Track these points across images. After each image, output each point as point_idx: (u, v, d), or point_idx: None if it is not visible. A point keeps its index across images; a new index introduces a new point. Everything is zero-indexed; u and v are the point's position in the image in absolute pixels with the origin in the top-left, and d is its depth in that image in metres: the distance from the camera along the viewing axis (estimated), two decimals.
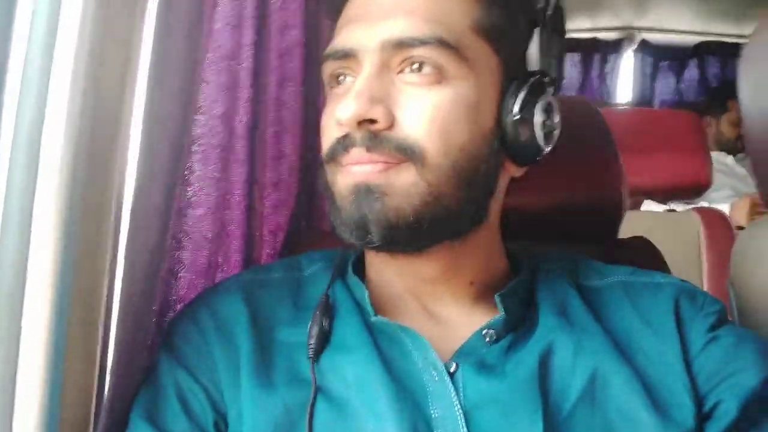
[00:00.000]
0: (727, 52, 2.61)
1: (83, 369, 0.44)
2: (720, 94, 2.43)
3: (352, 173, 0.49)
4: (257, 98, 0.67)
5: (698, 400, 0.49)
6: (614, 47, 2.70)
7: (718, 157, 2.27)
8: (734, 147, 2.38)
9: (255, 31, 0.64)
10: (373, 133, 0.48)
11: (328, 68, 0.52)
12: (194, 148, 0.57)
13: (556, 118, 0.53)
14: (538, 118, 0.51)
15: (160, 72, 0.48)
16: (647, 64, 2.79)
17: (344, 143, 0.49)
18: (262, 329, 0.53)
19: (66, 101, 0.41)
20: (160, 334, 0.55)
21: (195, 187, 0.58)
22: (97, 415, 0.45)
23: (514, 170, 0.54)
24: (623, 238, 0.77)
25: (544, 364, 0.50)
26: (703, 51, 2.74)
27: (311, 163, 0.80)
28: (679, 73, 2.81)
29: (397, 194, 0.47)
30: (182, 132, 0.52)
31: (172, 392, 0.50)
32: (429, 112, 0.48)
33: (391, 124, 0.48)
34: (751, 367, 0.50)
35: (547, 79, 0.53)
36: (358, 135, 0.48)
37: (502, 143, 0.51)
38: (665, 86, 2.82)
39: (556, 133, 0.53)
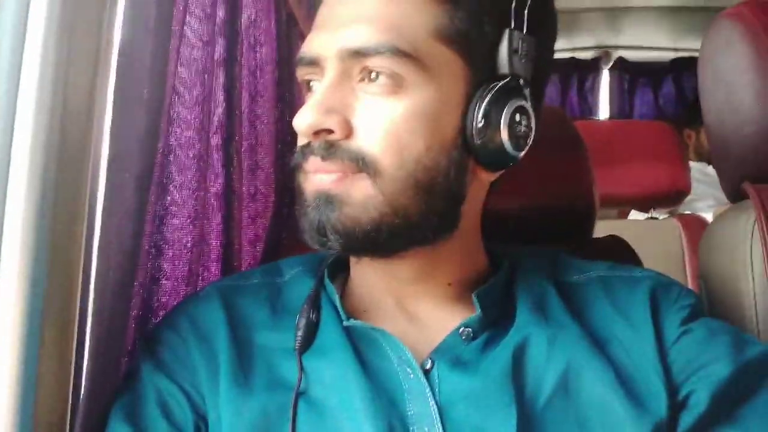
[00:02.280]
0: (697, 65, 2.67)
1: (58, 371, 0.44)
2: (697, 107, 2.48)
3: (313, 181, 0.50)
4: (231, 112, 0.69)
5: (672, 390, 0.50)
6: (592, 66, 2.76)
7: (700, 167, 2.31)
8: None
9: (226, 47, 0.67)
10: (329, 143, 0.48)
11: (299, 74, 0.53)
12: (170, 158, 0.59)
13: (530, 122, 0.51)
14: (505, 123, 0.50)
15: (128, 80, 0.50)
16: (625, 80, 2.85)
17: (303, 151, 0.50)
18: (241, 335, 0.54)
19: (35, 105, 0.42)
20: (141, 341, 0.55)
21: (174, 196, 0.59)
22: (72, 417, 0.45)
23: (486, 176, 0.54)
24: (598, 237, 0.79)
25: (519, 358, 0.51)
26: (679, 66, 2.80)
27: (287, 176, 0.81)
28: (656, 89, 2.87)
29: (354, 204, 0.48)
30: (152, 139, 0.53)
31: (152, 397, 0.51)
32: (383, 124, 0.48)
33: (349, 134, 0.48)
34: (722, 357, 0.51)
35: (520, 82, 0.51)
36: (315, 144, 0.49)
37: (468, 151, 0.50)
38: (644, 102, 2.88)
39: (531, 137, 0.52)
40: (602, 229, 0.80)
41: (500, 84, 0.50)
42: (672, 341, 0.52)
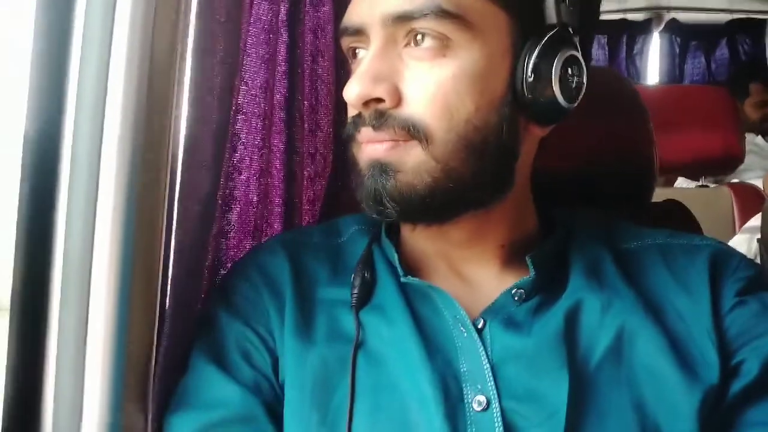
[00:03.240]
0: (759, 30, 2.56)
1: (144, 311, 0.47)
2: (742, 79, 2.40)
3: (366, 150, 0.50)
4: (293, 71, 0.70)
5: (724, 357, 0.50)
6: (642, 28, 2.67)
7: (748, 138, 2.24)
8: (760, 129, 2.35)
9: (290, 6, 0.67)
10: (380, 112, 0.48)
11: (344, 44, 0.53)
12: (238, 116, 0.60)
13: (582, 73, 0.50)
14: (556, 75, 0.49)
15: (205, 42, 0.51)
16: (676, 44, 2.75)
17: (355, 122, 0.50)
18: (304, 287, 0.55)
19: (125, 62, 0.44)
20: (214, 290, 0.58)
21: (241, 152, 0.61)
22: (157, 352, 0.49)
23: (538, 131, 0.53)
24: (657, 201, 0.78)
25: (571, 322, 0.51)
26: (734, 29, 2.68)
27: (345, 137, 0.82)
28: (709, 53, 2.77)
29: (407, 171, 0.48)
30: (227, 95, 0.55)
31: (233, 345, 0.53)
32: (431, 89, 0.48)
33: (398, 102, 0.48)
34: None
35: (569, 31, 0.50)
36: (366, 114, 0.49)
37: (519, 106, 0.50)
38: (695, 66, 2.78)
39: (583, 88, 0.51)
40: (654, 196, 0.79)
41: (549, 35, 0.49)
42: (726, 310, 0.52)
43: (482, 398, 0.48)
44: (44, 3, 0.44)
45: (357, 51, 0.52)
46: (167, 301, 0.50)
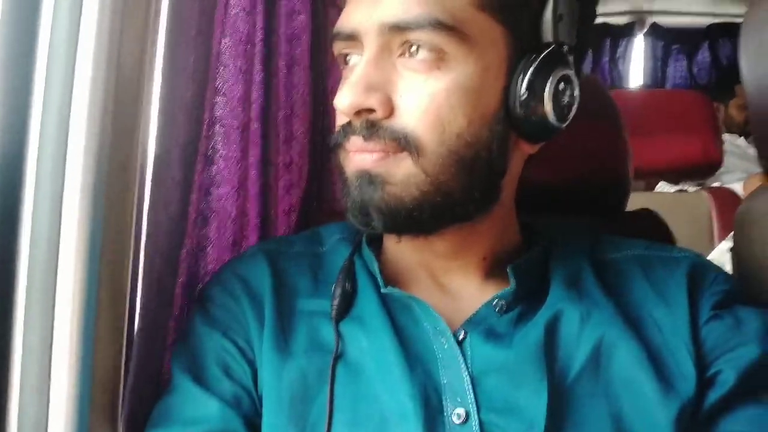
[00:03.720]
0: (740, 34, 2.59)
1: (112, 330, 0.47)
2: (727, 80, 2.44)
3: (354, 160, 0.49)
4: (269, 81, 0.69)
5: (701, 369, 0.50)
6: (625, 31, 2.69)
7: (730, 139, 2.27)
8: (744, 131, 2.38)
9: (265, 16, 0.67)
10: (371, 122, 0.47)
11: (336, 49, 0.52)
12: (217, 128, 0.60)
13: (574, 92, 0.50)
14: (550, 94, 0.48)
15: (176, 57, 0.51)
16: (658, 47, 2.78)
17: (345, 130, 0.49)
18: (284, 297, 0.54)
19: (90, 77, 0.44)
20: (192, 303, 0.57)
21: (219, 166, 0.61)
22: (126, 372, 0.48)
23: (528, 148, 0.53)
24: (630, 211, 0.79)
25: (551, 333, 0.51)
26: (715, 33, 2.72)
27: (321, 147, 0.82)
28: (691, 56, 2.80)
29: (396, 183, 0.48)
30: (198, 109, 0.55)
31: (212, 358, 0.52)
32: (425, 101, 0.47)
33: (390, 113, 0.47)
34: (751, 342, 0.51)
35: (564, 49, 0.49)
36: (357, 123, 0.48)
37: (511, 123, 0.49)
38: (677, 70, 2.81)
39: (574, 107, 0.51)
40: (631, 201, 0.80)
41: (545, 53, 0.49)
42: (703, 322, 0.52)
43: (461, 411, 0.48)
44: (7, 17, 0.44)
45: (348, 57, 0.51)
46: (136, 318, 0.49)
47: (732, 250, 0.76)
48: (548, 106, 0.49)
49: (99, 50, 0.44)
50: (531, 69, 0.48)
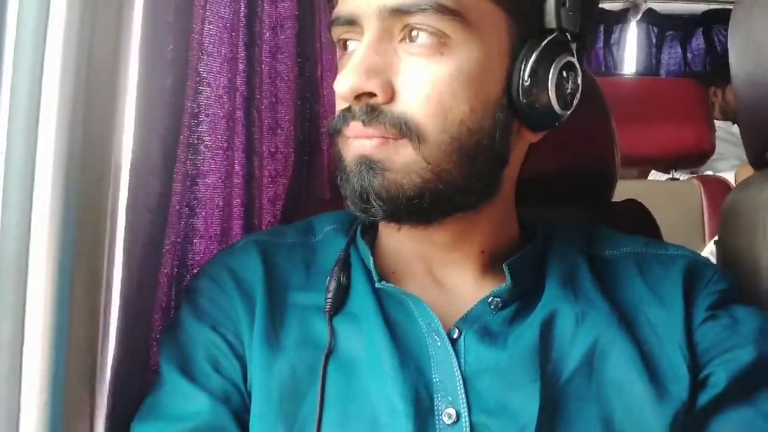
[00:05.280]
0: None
1: (88, 323, 0.46)
2: (724, 64, 2.42)
3: (354, 146, 0.48)
4: (252, 69, 0.68)
5: (694, 371, 0.50)
6: (619, 18, 2.67)
7: (724, 126, 2.26)
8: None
9: (247, 1, 0.66)
10: (371, 107, 0.46)
11: (335, 34, 0.50)
12: (201, 117, 0.59)
13: (578, 79, 0.50)
14: (553, 81, 0.48)
15: (153, 43, 0.50)
16: (653, 34, 2.76)
17: (345, 116, 0.48)
18: (276, 292, 0.53)
19: (60, 64, 0.42)
20: (183, 293, 0.56)
21: (205, 155, 0.60)
22: (102, 366, 0.48)
23: (530, 136, 0.52)
24: (616, 201, 0.78)
25: (546, 333, 0.51)
26: (709, 20, 2.70)
27: (308, 135, 0.81)
28: (685, 43, 2.79)
29: (397, 170, 0.47)
30: (179, 97, 0.54)
31: (201, 352, 0.51)
32: (426, 87, 0.46)
33: (391, 98, 0.46)
34: (746, 344, 0.50)
35: (567, 36, 0.49)
36: (356, 108, 0.47)
37: (514, 110, 0.49)
38: (671, 56, 2.80)
39: (578, 95, 0.50)
40: (621, 189, 0.79)
41: (548, 39, 0.48)
42: (698, 324, 0.52)
43: (452, 411, 0.48)
44: None
45: (347, 42, 0.50)
46: (117, 311, 0.49)
47: (717, 241, 0.76)
48: (552, 92, 0.48)
49: (69, 37, 0.42)
50: (534, 55, 0.48)
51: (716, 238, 0.77)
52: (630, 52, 2.77)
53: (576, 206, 0.74)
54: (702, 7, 2.62)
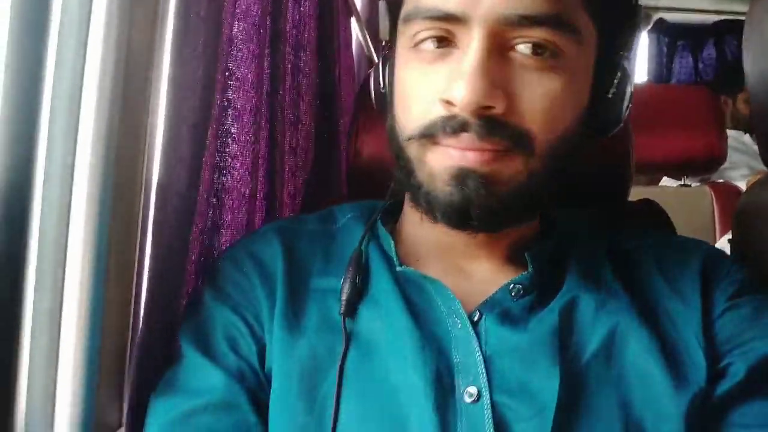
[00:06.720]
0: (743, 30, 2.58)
1: (120, 308, 0.48)
2: (735, 73, 2.42)
3: (451, 155, 0.46)
4: (275, 65, 0.70)
5: (713, 361, 0.50)
6: None
7: (735, 135, 2.26)
8: (750, 127, 2.37)
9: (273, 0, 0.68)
10: (493, 120, 0.45)
11: (417, 27, 0.47)
12: (229, 111, 0.61)
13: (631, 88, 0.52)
14: (629, 94, 0.50)
15: (185, 38, 0.52)
16: (664, 43, 2.77)
17: (451, 125, 0.46)
18: (296, 276, 0.54)
19: (100, 59, 0.45)
20: (206, 274, 0.58)
21: (232, 148, 0.61)
22: (132, 345, 0.49)
23: (584, 144, 0.52)
24: (632, 201, 0.79)
25: (566, 318, 0.51)
26: (721, 30, 2.71)
27: (327, 132, 0.83)
28: (696, 53, 2.79)
29: (503, 183, 0.46)
30: (208, 91, 0.55)
31: (220, 332, 0.52)
32: (542, 101, 0.46)
33: (509, 111, 0.45)
34: (766, 335, 0.50)
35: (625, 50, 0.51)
36: (472, 121, 0.45)
37: (590, 121, 0.50)
38: (682, 66, 2.81)
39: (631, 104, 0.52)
40: (633, 195, 0.80)
41: (619, 53, 0.50)
42: (717, 315, 0.52)
43: (473, 390, 0.48)
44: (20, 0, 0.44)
45: (425, 42, 0.47)
46: (145, 296, 0.50)
47: (731, 241, 0.77)
48: (625, 104, 0.51)
49: (108, 33, 0.45)
50: (618, 69, 0.50)
51: (728, 236, 0.77)
52: (641, 61, 2.78)
53: (591, 206, 0.75)
54: (713, 18, 2.63)
